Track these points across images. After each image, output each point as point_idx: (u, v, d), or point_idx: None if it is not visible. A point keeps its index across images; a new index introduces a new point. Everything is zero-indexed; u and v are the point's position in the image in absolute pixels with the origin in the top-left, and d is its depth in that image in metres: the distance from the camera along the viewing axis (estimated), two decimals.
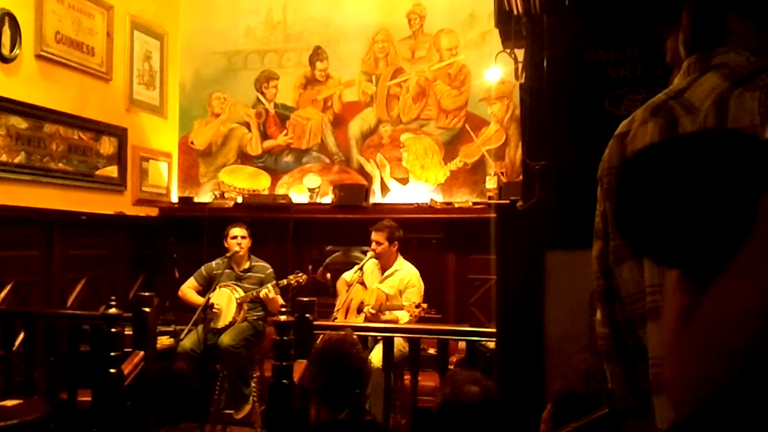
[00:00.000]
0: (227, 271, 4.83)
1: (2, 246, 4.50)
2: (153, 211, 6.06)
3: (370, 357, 3.89)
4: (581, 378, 2.14)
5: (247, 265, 4.91)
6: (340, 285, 4.98)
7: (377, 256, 4.78)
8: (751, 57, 1.02)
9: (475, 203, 5.52)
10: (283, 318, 3.42)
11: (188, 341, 4.53)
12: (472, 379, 2.22)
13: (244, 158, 6.28)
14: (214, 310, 4.62)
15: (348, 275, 4.97)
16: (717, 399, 0.69)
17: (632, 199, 0.71)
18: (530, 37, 2.49)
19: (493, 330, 2.79)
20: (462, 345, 4.20)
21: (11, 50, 4.55)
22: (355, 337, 2.78)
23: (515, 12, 2.53)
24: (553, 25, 2.37)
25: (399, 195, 5.88)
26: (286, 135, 6.20)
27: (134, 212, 5.80)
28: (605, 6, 2.34)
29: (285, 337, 3.37)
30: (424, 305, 4.49)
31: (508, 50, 2.80)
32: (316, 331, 3.61)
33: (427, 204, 5.62)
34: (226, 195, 6.06)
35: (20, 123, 4.67)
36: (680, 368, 0.73)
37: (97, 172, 5.41)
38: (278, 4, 6.21)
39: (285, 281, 4.76)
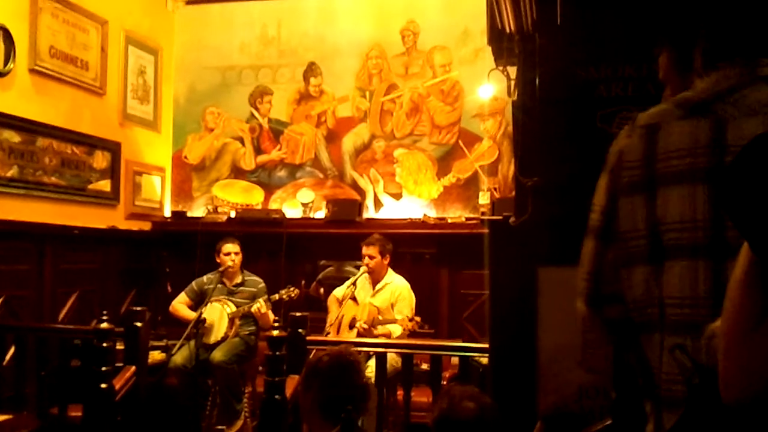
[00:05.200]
0: (219, 285, 4.82)
1: None
2: (146, 226, 6.05)
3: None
4: (574, 393, 2.14)
5: (239, 279, 4.90)
6: (331, 301, 4.97)
7: (371, 270, 4.78)
8: None
9: (468, 219, 5.54)
10: (275, 333, 3.41)
11: (180, 356, 4.50)
12: (469, 395, 2.21)
13: (237, 173, 6.28)
14: (205, 325, 4.60)
15: (339, 291, 4.95)
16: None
17: (751, 180, 0.70)
18: (522, 54, 2.52)
19: (486, 345, 2.79)
20: (455, 360, 4.20)
21: (5, 64, 4.56)
22: (356, 354, 2.77)
23: (507, 30, 2.56)
24: (545, 43, 2.39)
25: (392, 210, 5.89)
26: (279, 150, 6.21)
27: (127, 226, 5.79)
28: (597, 24, 2.37)
29: (277, 353, 3.36)
30: (418, 318, 4.48)
31: (501, 67, 2.83)
32: (308, 347, 3.60)
33: (420, 219, 5.64)
34: (219, 209, 6.06)
35: (13, 137, 4.66)
36: (744, 364, 0.73)
37: (90, 186, 5.40)
38: (273, 19, 6.25)
39: (277, 296, 4.74)
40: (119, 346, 3.70)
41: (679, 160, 1.03)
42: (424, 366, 4.40)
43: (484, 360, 3.37)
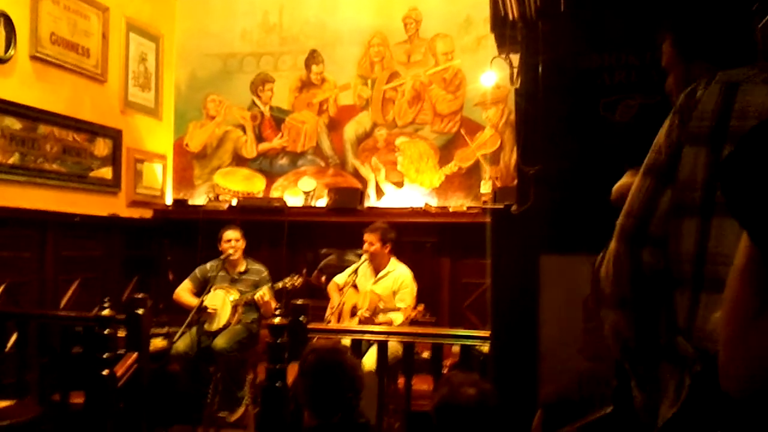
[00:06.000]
0: (222, 273, 4.83)
1: None
2: (147, 213, 6.05)
3: (363, 360, 3.89)
4: (575, 381, 2.14)
5: (242, 267, 4.91)
6: (332, 289, 4.98)
7: (371, 257, 4.78)
8: None
9: (469, 207, 5.53)
10: (277, 321, 3.42)
11: (182, 343, 4.52)
12: (470, 382, 2.22)
13: (239, 161, 6.27)
14: (208, 312, 4.61)
15: (340, 279, 4.97)
16: None
17: (751, 171, 0.68)
18: (525, 42, 2.51)
19: (488, 334, 2.79)
20: (456, 349, 4.20)
21: (6, 51, 4.54)
22: (345, 344, 2.78)
23: (510, 17, 2.55)
24: (548, 30, 2.38)
25: (394, 199, 5.89)
26: (281, 138, 6.20)
27: (128, 214, 5.79)
28: (600, 11, 2.35)
29: (279, 340, 3.37)
30: (420, 307, 4.49)
31: (504, 55, 2.81)
32: (309, 334, 3.61)
33: (421, 208, 5.63)
34: (220, 197, 6.05)
35: (15, 124, 4.66)
36: (744, 355, 0.72)
37: (92, 174, 5.40)
38: (274, 6, 6.22)
39: (280, 284, 4.75)
40: (121, 333, 3.71)
41: (753, 122, 1.00)
42: (425, 354, 4.41)
43: (485, 348, 3.37)
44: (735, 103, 1.05)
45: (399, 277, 4.73)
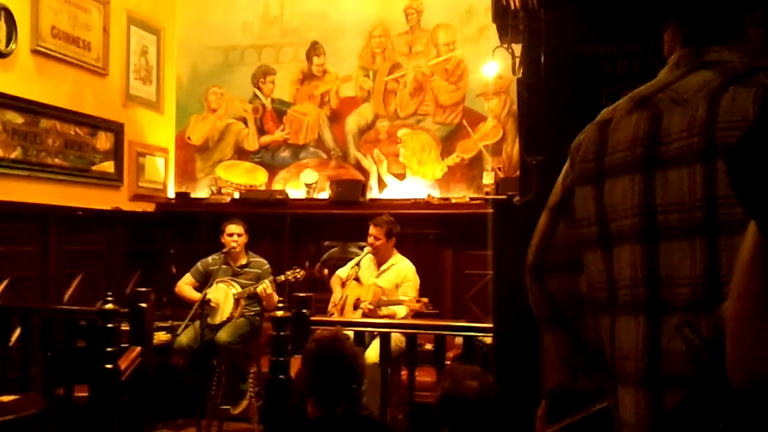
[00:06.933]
0: (224, 266, 4.82)
1: None
2: (149, 207, 6.05)
3: (366, 352, 3.89)
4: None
5: (244, 260, 4.90)
6: (334, 281, 4.97)
7: (374, 251, 4.78)
8: (744, 58, 1.04)
9: (472, 199, 5.52)
10: (280, 313, 3.42)
11: (185, 337, 4.52)
12: (472, 374, 2.22)
13: (240, 154, 6.26)
14: (211, 305, 4.62)
15: (342, 272, 4.96)
16: None
17: (759, 158, 0.67)
18: (527, 31, 2.49)
19: (490, 325, 2.79)
20: (459, 340, 4.21)
21: (7, 45, 4.54)
22: (346, 333, 2.79)
23: (512, 7, 2.53)
24: (551, 19, 2.37)
25: (396, 190, 5.88)
26: (283, 130, 6.19)
27: (131, 208, 5.79)
28: (602, 0, 2.34)
29: (282, 333, 3.37)
30: (425, 299, 4.49)
31: (506, 45, 2.79)
32: (312, 327, 3.61)
33: (424, 200, 5.62)
34: (222, 190, 6.05)
35: (16, 118, 4.65)
36: (753, 348, 0.72)
37: (94, 168, 5.39)
38: None
39: (282, 277, 4.75)
40: (124, 327, 3.72)
41: (622, 153, 1.09)
42: (428, 346, 4.41)
43: (488, 340, 3.37)
44: (608, 140, 1.12)
45: (402, 270, 4.72)
